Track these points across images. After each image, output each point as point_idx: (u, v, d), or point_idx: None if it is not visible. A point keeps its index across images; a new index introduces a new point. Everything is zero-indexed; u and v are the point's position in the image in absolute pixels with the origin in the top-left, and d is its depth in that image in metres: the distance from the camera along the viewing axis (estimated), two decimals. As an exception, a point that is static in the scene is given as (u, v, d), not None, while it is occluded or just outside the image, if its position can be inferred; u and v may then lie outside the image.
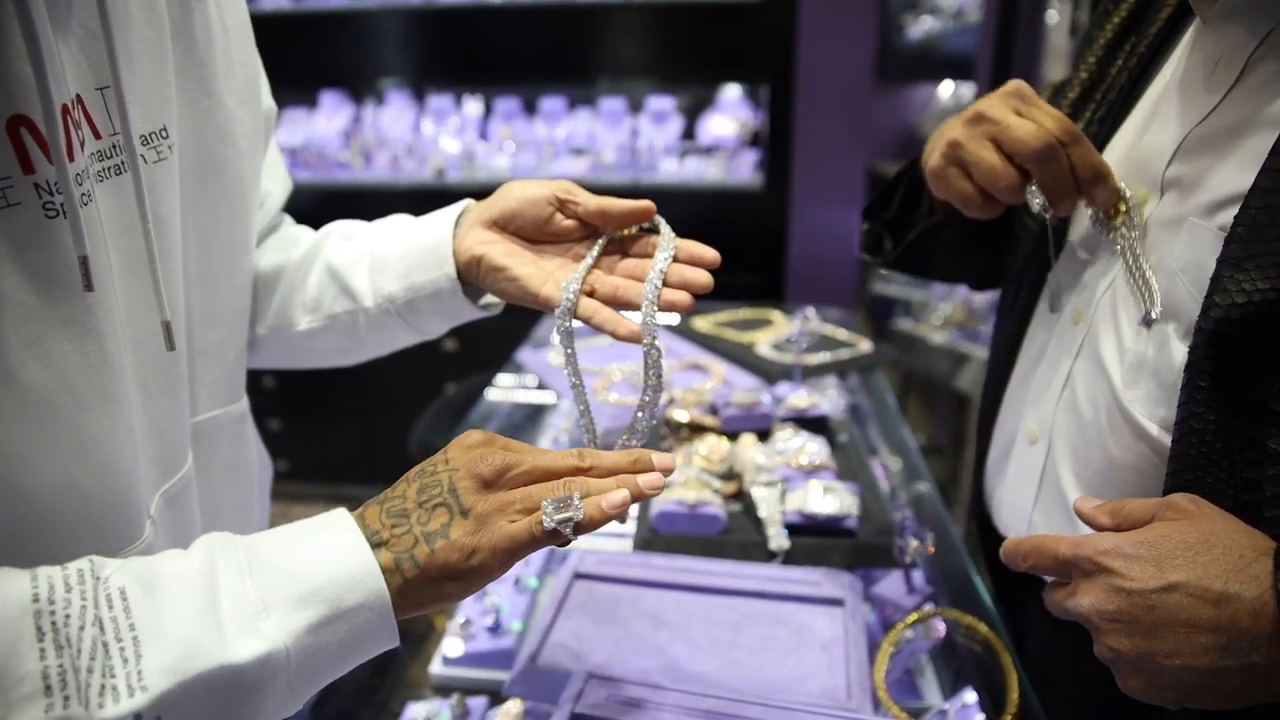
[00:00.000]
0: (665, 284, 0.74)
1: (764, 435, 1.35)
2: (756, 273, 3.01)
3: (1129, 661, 0.58)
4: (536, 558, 1.25)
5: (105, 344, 0.58)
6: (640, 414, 0.75)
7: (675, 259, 0.76)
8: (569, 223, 0.79)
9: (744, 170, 3.17)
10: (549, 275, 0.78)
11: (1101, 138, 0.80)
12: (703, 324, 1.98)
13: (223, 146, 0.72)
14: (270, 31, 1.44)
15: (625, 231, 0.80)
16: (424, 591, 0.55)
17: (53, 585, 0.50)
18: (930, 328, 2.90)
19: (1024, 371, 0.86)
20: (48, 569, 0.51)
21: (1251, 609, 0.54)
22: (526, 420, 1.74)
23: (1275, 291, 0.57)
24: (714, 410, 1.42)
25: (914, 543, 0.99)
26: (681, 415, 1.35)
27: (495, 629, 1.10)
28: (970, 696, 1.01)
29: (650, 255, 0.78)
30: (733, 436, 1.34)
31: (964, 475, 2.85)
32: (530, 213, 0.79)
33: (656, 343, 0.72)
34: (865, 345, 1.88)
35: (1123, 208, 0.72)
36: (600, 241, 0.79)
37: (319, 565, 0.54)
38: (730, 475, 1.23)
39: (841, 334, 1.96)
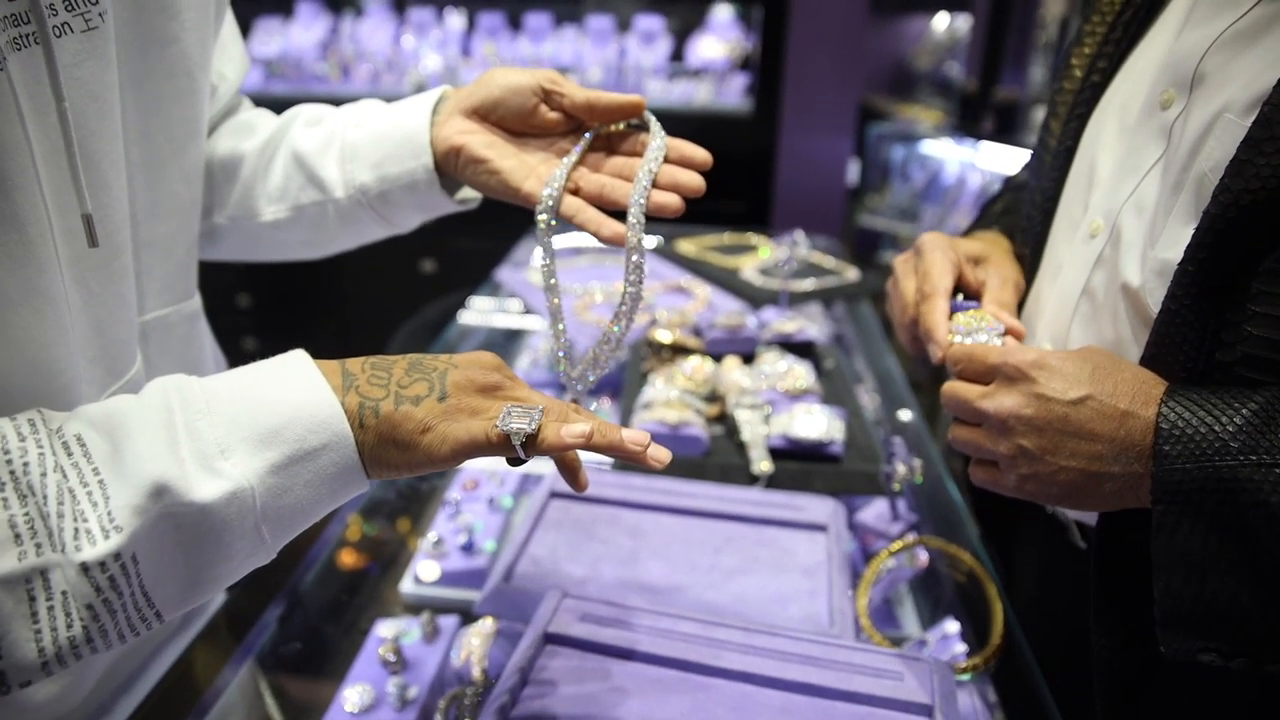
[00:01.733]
0: (654, 185, 0.70)
1: (748, 359, 1.31)
2: (743, 199, 2.95)
3: (1030, 458, 0.65)
4: (513, 477, 1.21)
5: (28, 233, 0.53)
6: (617, 324, 0.71)
7: (666, 159, 0.72)
8: (554, 115, 0.75)
9: (733, 94, 3.08)
10: (532, 169, 0.73)
11: (1125, 45, 0.79)
12: (687, 246, 1.93)
13: (165, 18, 0.65)
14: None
15: (613, 127, 0.76)
16: (377, 449, 0.54)
17: (5, 435, 0.48)
18: (917, 262, 2.86)
19: (1040, 289, 0.83)
20: None
21: (1143, 427, 0.61)
22: (505, 340, 1.69)
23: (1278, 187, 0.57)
24: (697, 332, 1.37)
25: (901, 468, 0.96)
26: (664, 336, 1.31)
27: (469, 548, 1.08)
28: (952, 626, 0.99)
29: (639, 154, 0.74)
30: (716, 359, 1.30)
31: (940, 413, 2.84)
32: (514, 102, 0.74)
33: (642, 245, 0.68)
34: (852, 274, 1.84)
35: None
36: (587, 136, 0.75)
37: (279, 406, 0.52)
38: (713, 398, 1.19)
39: (829, 262, 1.91)
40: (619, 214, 0.71)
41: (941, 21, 3.70)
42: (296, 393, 0.53)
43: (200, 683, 0.87)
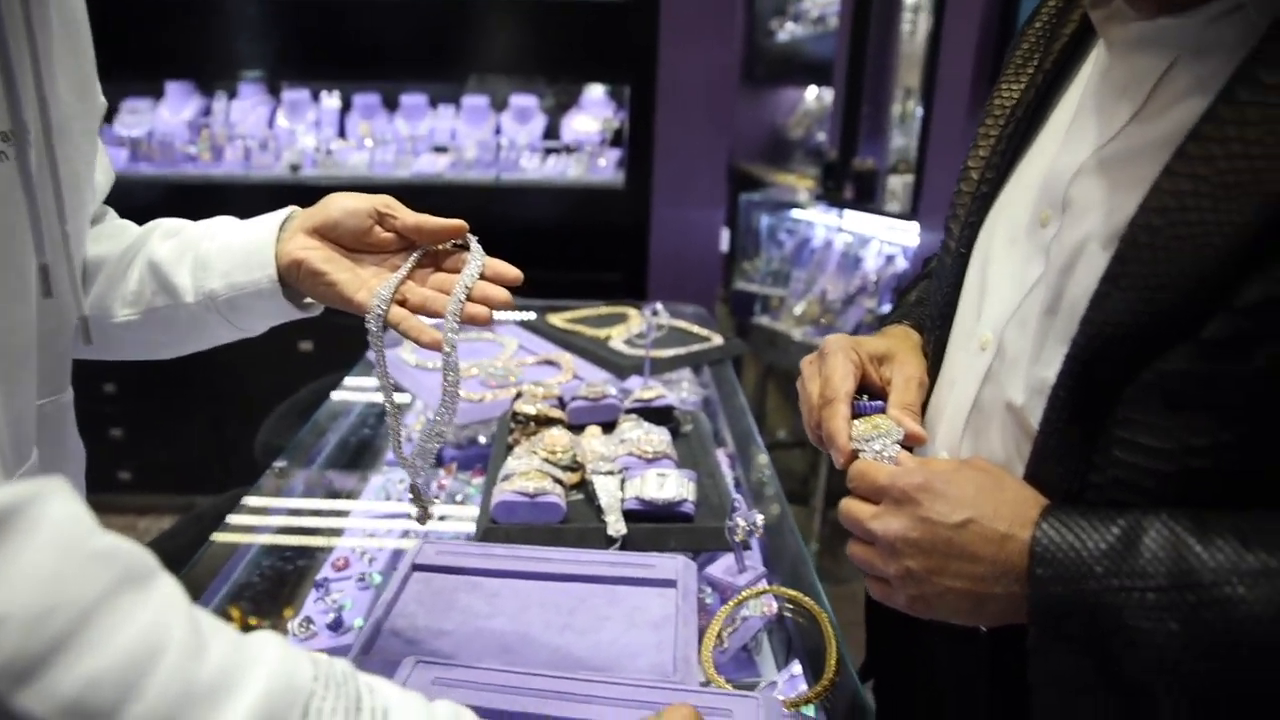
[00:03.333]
0: (470, 299, 0.79)
1: (609, 428, 1.38)
2: (618, 271, 3.05)
3: (916, 579, 0.67)
4: (383, 554, 1.24)
5: None
6: (439, 415, 0.80)
7: (482, 276, 0.81)
8: (387, 235, 0.83)
9: (606, 169, 3.20)
10: (364, 282, 0.81)
11: (1010, 156, 0.81)
12: (557, 320, 2.00)
13: (61, 142, 0.72)
14: (111, 15, 1.39)
15: (440, 247, 0.84)
16: None
17: (319, 672, 0.51)
18: (789, 323, 3.00)
19: (937, 400, 0.85)
20: (311, 654, 0.52)
21: (1020, 549, 0.63)
22: (378, 419, 1.72)
23: (1146, 315, 0.59)
24: (562, 403, 1.44)
25: (742, 522, 1.03)
26: (528, 408, 1.37)
27: (337, 626, 1.10)
28: (797, 668, 1.06)
29: (460, 271, 0.83)
30: (580, 429, 1.36)
31: (823, 466, 2.96)
32: (350, 223, 0.82)
33: (454, 354, 0.77)
34: (717, 339, 1.94)
35: None
36: (415, 255, 0.83)
37: None
38: (575, 467, 1.25)
39: (695, 329, 2.01)
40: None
41: (811, 92, 3.93)
42: None
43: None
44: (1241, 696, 0.57)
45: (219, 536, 1.27)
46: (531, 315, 2.08)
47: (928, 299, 0.93)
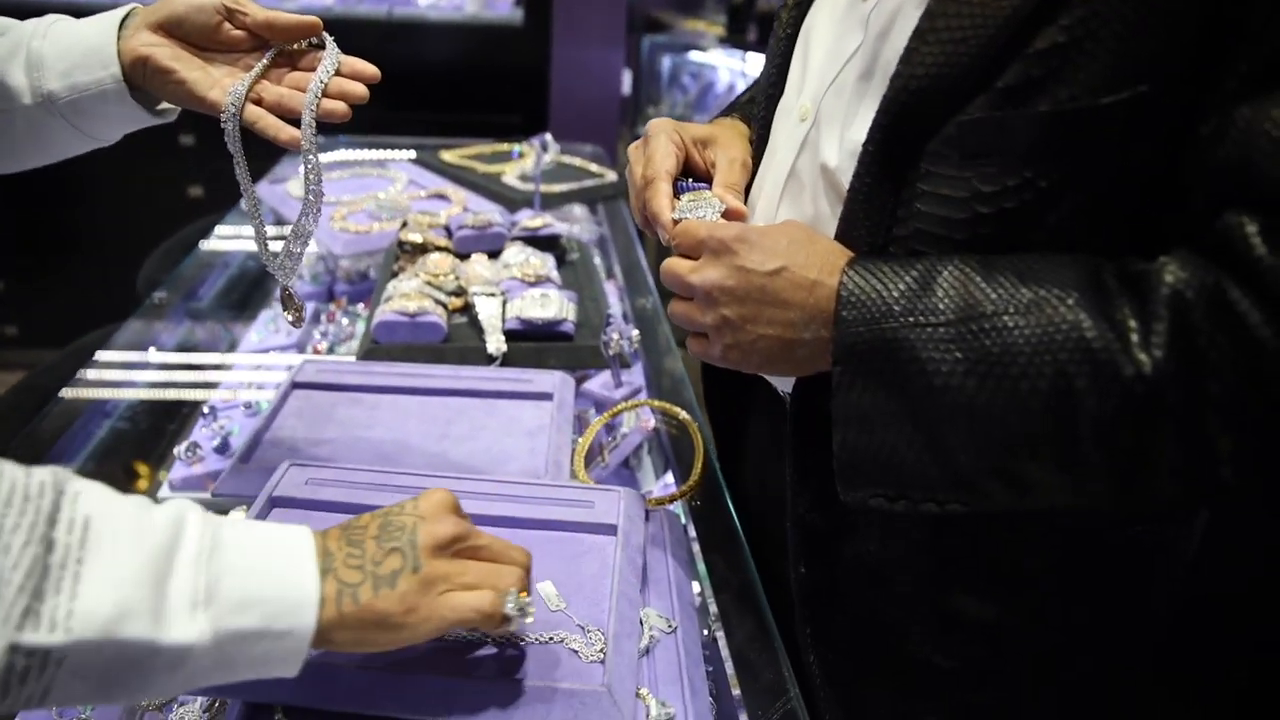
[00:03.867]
0: (325, 94, 0.78)
1: (493, 255, 1.38)
2: (519, 112, 2.98)
3: (732, 327, 0.71)
4: (271, 382, 1.25)
5: None
6: (303, 215, 0.79)
7: (339, 73, 0.79)
8: (238, 33, 0.80)
9: (503, 5, 3.07)
10: (216, 81, 0.78)
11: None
12: (450, 156, 1.96)
13: None
14: None
15: (295, 46, 0.81)
16: (351, 631, 0.56)
17: (14, 488, 0.48)
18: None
19: (760, 173, 0.89)
20: (13, 469, 0.49)
21: (828, 294, 0.68)
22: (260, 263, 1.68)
23: (948, 68, 0.64)
24: (449, 233, 1.43)
25: (615, 336, 1.06)
26: (414, 236, 1.36)
27: (223, 450, 1.11)
28: (669, 477, 1.12)
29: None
30: (465, 257, 1.36)
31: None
32: (197, 19, 0.79)
33: (314, 154, 0.76)
34: (611, 176, 1.93)
35: None
36: (269, 53, 0.80)
37: (270, 579, 0.54)
38: (459, 292, 1.26)
39: (592, 167, 2.00)
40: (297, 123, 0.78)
41: (719, -67, 3.79)
42: (289, 574, 0.55)
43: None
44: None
45: (79, 390, 1.24)
46: (413, 153, 2.03)
47: (757, 96, 0.96)
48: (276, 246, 0.82)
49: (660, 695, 0.69)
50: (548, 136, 1.64)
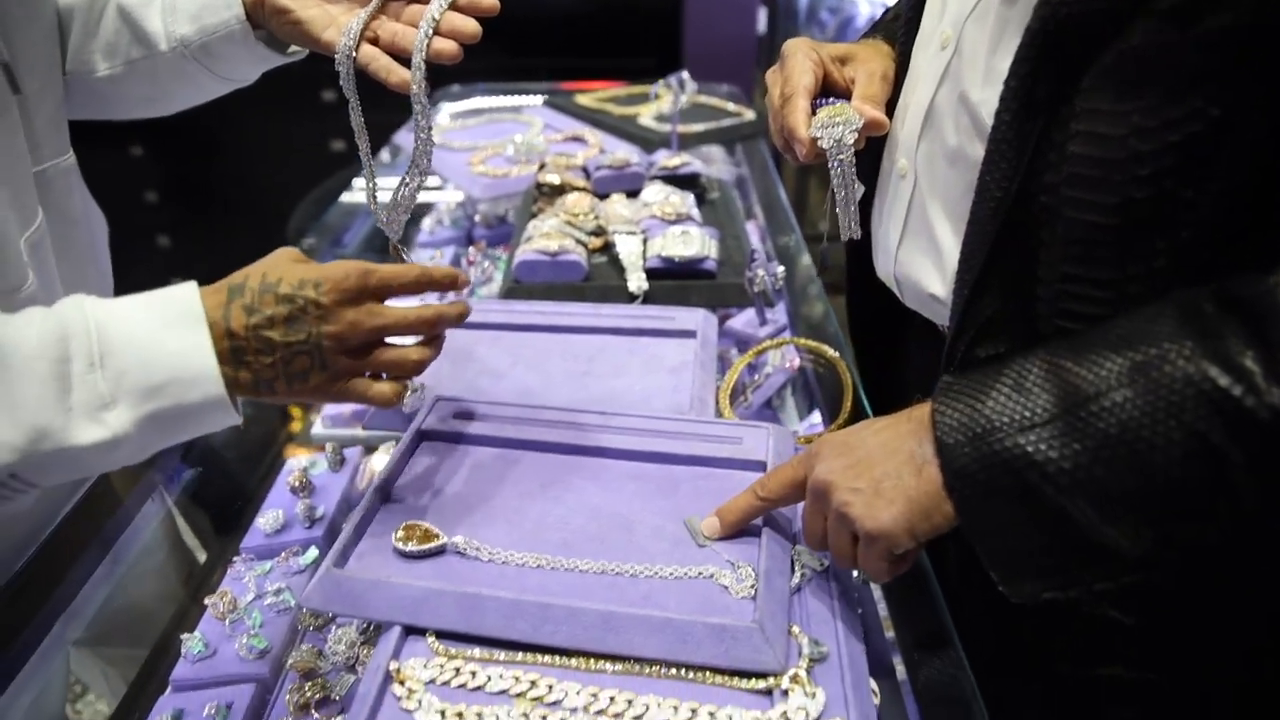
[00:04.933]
0: (437, 33, 0.73)
1: (632, 195, 1.36)
2: (651, 55, 2.93)
3: (865, 496, 0.64)
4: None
5: None
6: (414, 163, 0.76)
7: (455, 6, 0.75)
8: None
9: (638, -52, 3.02)
10: (333, 19, 0.77)
11: None
12: (585, 99, 1.94)
13: None
14: None
15: None
16: (263, 395, 0.64)
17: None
18: (829, 109, 2.88)
19: (901, 104, 0.85)
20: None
21: (924, 416, 0.64)
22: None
23: (1094, 2, 0.58)
24: (586, 174, 1.42)
25: (761, 273, 1.03)
26: (552, 178, 1.35)
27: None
28: (816, 416, 1.08)
29: None
30: (604, 198, 1.35)
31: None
32: None
33: (424, 99, 0.72)
34: (750, 114, 1.87)
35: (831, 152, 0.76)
36: None
37: (168, 362, 0.58)
38: (598, 232, 1.25)
39: (729, 106, 1.94)
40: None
41: None
42: (185, 353, 0.59)
43: (112, 507, 0.94)
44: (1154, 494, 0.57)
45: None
46: (546, 97, 2.02)
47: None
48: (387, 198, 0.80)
49: (813, 634, 0.66)
50: (685, 75, 1.60)
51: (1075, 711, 0.83)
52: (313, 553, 0.88)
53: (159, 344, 0.59)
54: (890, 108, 0.84)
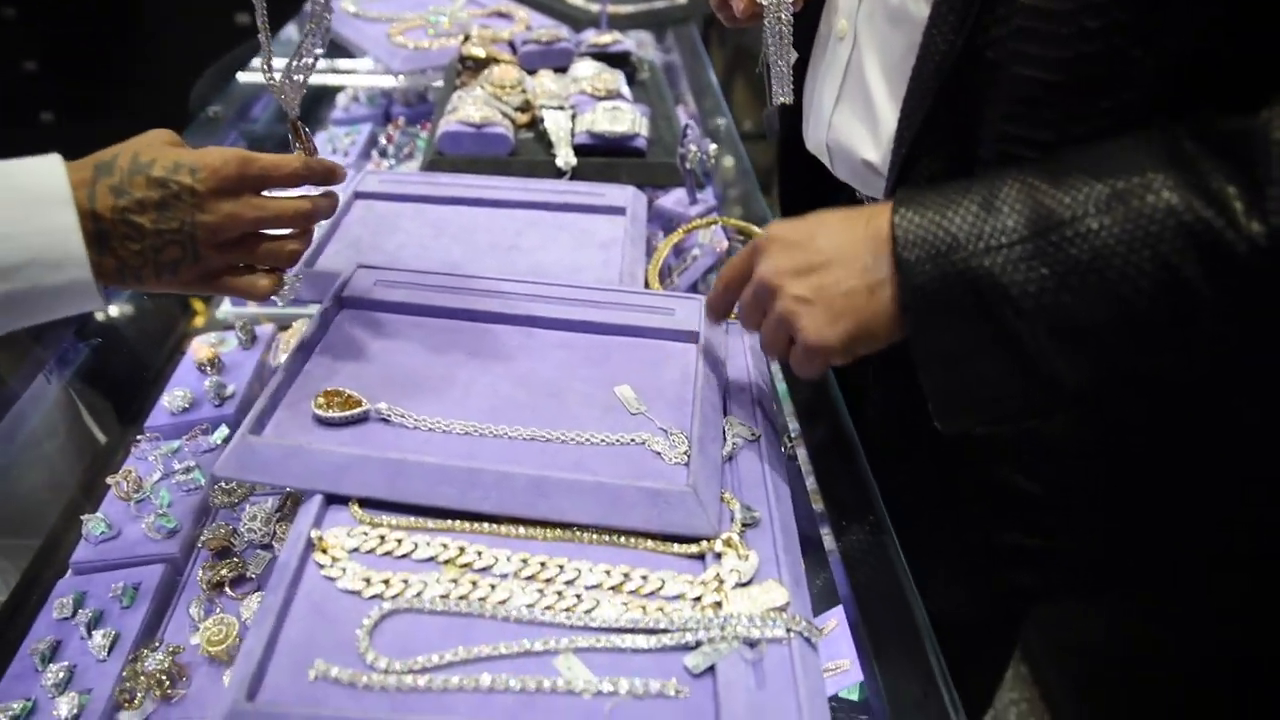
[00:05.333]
0: None
1: (559, 70, 1.31)
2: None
3: (808, 302, 0.63)
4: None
5: None
6: (310, 27, 0.68)
7: None
8: None
9: None
10: None
11: None
12: (510, -26, 1.84)
13: None
14: None
15: None
16: (129, 284, 0.61)
17: None
18: (761, 1, 2.81)
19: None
20: None
21: (886, 226, 0.61)
22: (319, 87, 1.61)
23: None
24: (513, 49, 1.35)
25: (694, 149, 1.00)
26: (477, 50, 1.28)
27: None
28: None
29: None
30: (531, 74, 1.29)
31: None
32: None
33: None
34: (681, -1, 1.81)
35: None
36: None
37: (28, 242, 0.54)
38: (525, 107, 1.19)
39: (659, -12, 1.87)
40: None
41: None
42: (51, 234, 0.55)
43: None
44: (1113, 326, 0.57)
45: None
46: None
47: None
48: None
49: (744, 499, 0.66)
50: (616, -53, 1.53)
51: (979, 575, 0.86)
52: (223, 431, 0.84)
53: (18, 221, 0.55)
54: None
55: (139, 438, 0.83)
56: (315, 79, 1.65)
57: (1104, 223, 0.55)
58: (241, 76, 1.57)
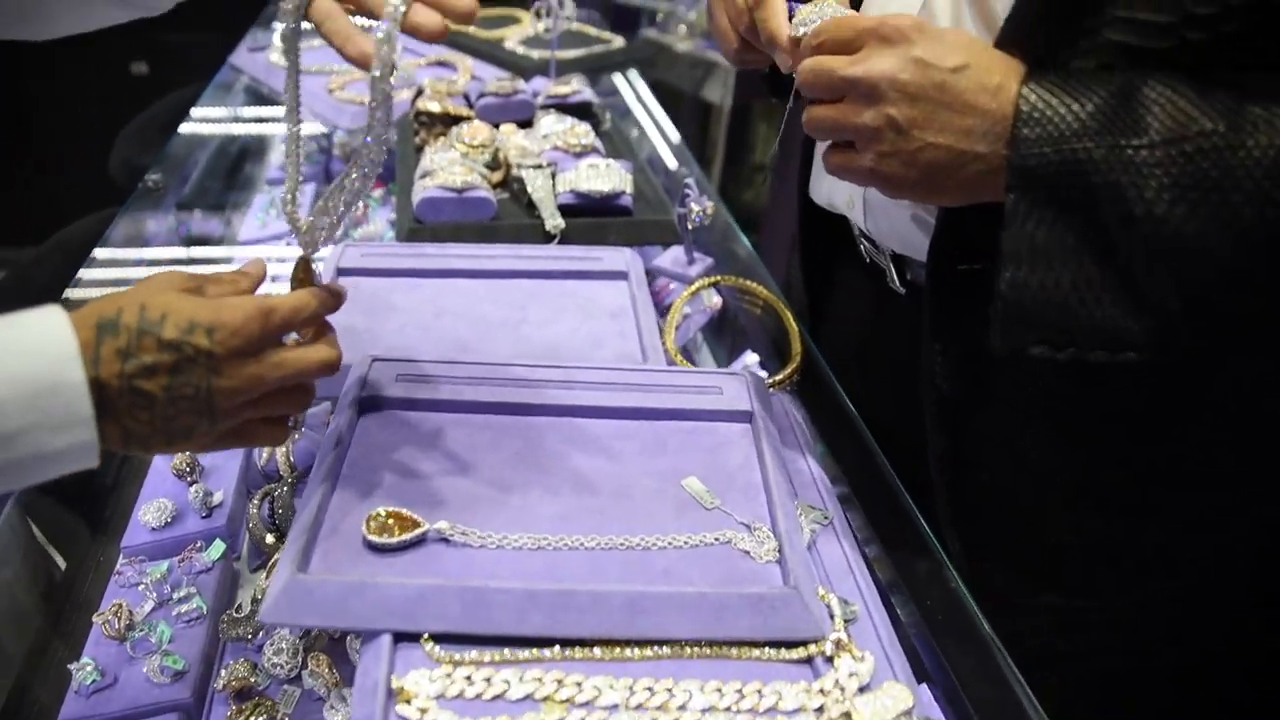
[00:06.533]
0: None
1: (525, 125, 1.25)
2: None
3: (896, 130, 0.59)
4: (284, 277, 1.12)
5: None
6: (358, 166, 0.60)
7: None
8: None
9: None
10: None
11: None
12: (442, 21, 1.78)
13: None
14: None
15: None
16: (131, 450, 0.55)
17: None
18: (676, 38, 2.82)
19: (876, 4, 0.77)
20: None
21: (1014, 100, 0.57)
22: (241, 151, 1.51)
23: None
24: (468, 102, 1.29)
25: (695, 208, 0.96)
26: (432, 105, 1.22)
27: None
28: (752, 357, 1.04)
29: None
30: (495, 128, 1.23)
31: (713, 180, 2.88)
32: None
33: (387, 83, 0.55)
34: (618, 42, 1.78)
35: None
36: None
37: (32, 404, 0.47)
38: (496, 165, 1.14)
39: (591, 31, 1.84)
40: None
41: None
42: (55, 411, 0.48)
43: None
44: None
45: (93, 271, 1.10)
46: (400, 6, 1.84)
47: None
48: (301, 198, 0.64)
49: (837, 592, 0.62)
50: (564, -5, 1.49)
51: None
52: (219, 547, 0.76)
53: (19, 382, 0.47)
54: None
55: (121, 562, 0.74)
56: (239, 129, 1.55)
57: (1245, 142, 0.53)
58: (185, 128, 1.46)
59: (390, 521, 0.59)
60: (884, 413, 0.87)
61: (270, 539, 0.75)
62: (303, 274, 0.64)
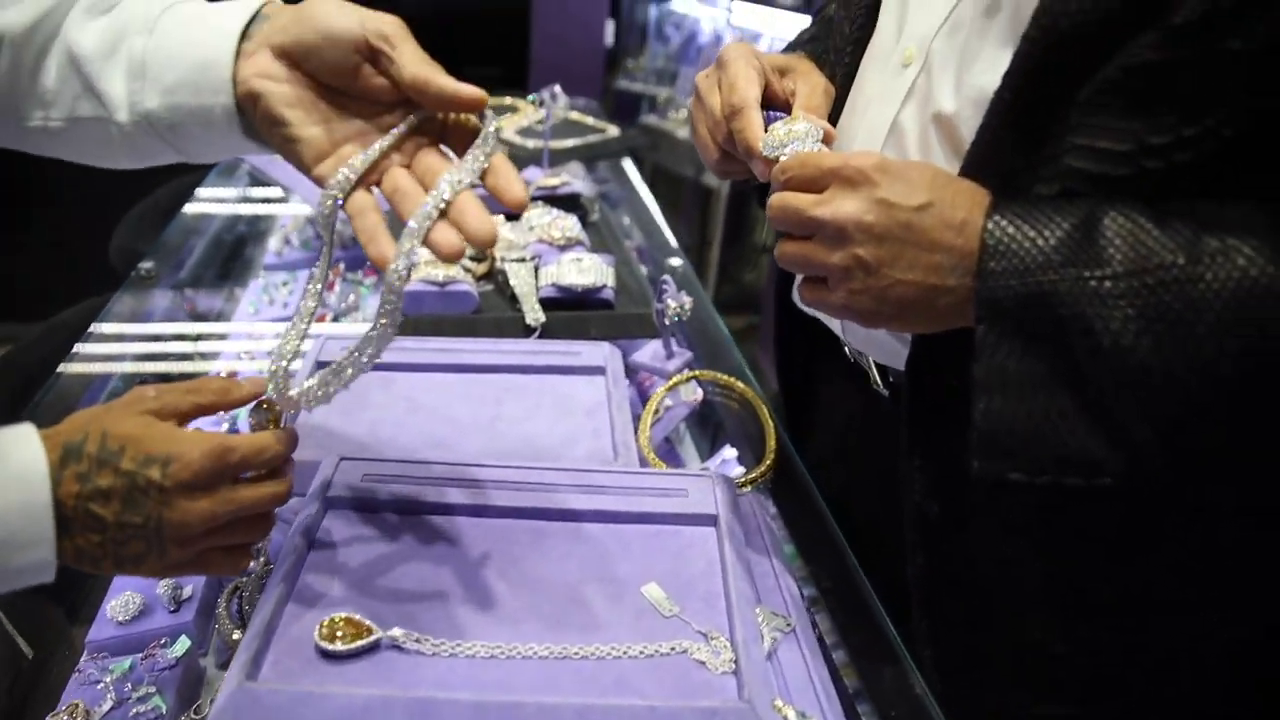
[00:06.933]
0: (443, 215, 0.56)
1: (513, 218, 1.28)
2: (499, 64, 2.84)
3: (866, 270, 0.60)
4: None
5: None
6: (357, 351, 0.64)
7: (482, 177, 0.59)
8: (381, 81, 0.60)
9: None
10: (336, 147, 0.60)
11: None
12: (441, 111, 1.84)
13: None
14: None
15: (445, 117, 0.62)
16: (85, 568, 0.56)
17: None
18: (676, 123, 2.89)
19: (845, 127, 0.80)
20: None
21: (980, 234, 0.59)
22: (251, 224, 1.55)
23: (1099, 11, 0.55)
24: (459, 194, 1.32)
25: (673, 304, 0.98)
26: (424, 199, 1.25)
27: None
28: (730, 452, 1.04)
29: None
30: (481, 219, 1.26)
31: (709, 273, 2.92)
32: (330, 55, 0.59)
33: (400, 275, 0.56)
34: (613, 131, 1.83)
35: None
36: (410, 119, 0.61)
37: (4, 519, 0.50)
38: (481, 257, 1.16)
39: (589, 120, 1.89)
40: None
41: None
42: (19, 532, 0.51)
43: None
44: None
45: (74, 365, 1.11)
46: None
47: (823, 37, 0.87)
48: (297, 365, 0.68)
49: (795, 704, 0.61)
50: (557, 88, 1.53)
51: None
52: (184, 643, 0.75)
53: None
54: None
55: (84, 658, 0.74)
56: (240, 210, 1.58)
57: (1204, 275, 0.53)
58: (189, 208, 1.49)
59: (343, 628, 0.59)
60: (866, 512, 0.87)
61: (237, 635, 0.75)
62: (268, 415, 0.64)
